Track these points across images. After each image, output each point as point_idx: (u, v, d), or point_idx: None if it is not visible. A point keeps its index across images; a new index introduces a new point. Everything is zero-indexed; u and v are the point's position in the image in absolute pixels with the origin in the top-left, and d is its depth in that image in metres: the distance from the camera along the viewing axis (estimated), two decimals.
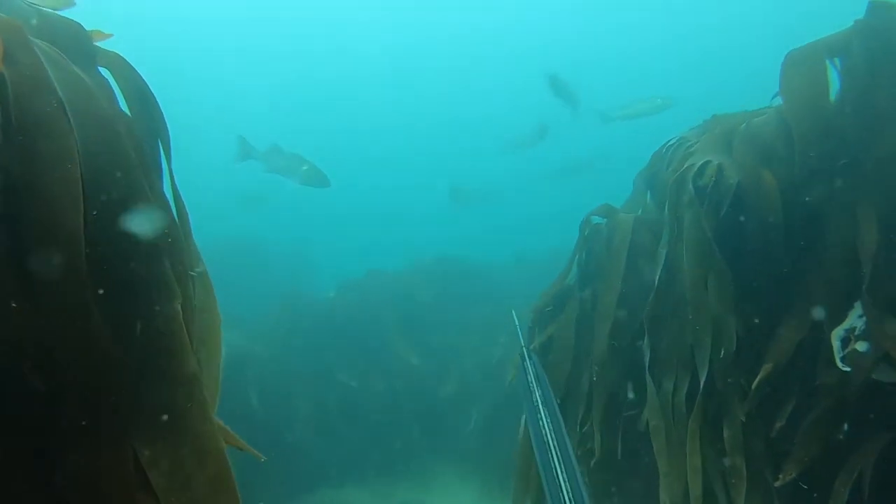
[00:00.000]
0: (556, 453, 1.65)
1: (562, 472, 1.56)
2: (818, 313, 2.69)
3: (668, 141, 3.64)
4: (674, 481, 2.97)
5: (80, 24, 1.69)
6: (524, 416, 4.45)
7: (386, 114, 27.59)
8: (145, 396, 1.26)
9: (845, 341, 2.45)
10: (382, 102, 27.27)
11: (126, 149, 1.41)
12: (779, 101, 3.01)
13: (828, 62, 2.87)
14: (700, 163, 2.99)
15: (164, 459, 1.24)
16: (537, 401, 1.98)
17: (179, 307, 1.37)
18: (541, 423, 1.82)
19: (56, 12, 1.64)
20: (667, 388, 3.15)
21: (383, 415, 8.05)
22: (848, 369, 2.40)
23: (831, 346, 2.56)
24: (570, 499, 1.49)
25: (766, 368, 2.65)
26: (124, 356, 1.25)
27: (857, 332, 2.44)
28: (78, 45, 1.65)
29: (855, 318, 2.48)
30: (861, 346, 2.40)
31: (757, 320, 2.90)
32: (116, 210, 1.32)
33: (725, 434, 2.85)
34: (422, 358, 8.43)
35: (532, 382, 2.07)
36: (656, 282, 3.17)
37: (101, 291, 1.24)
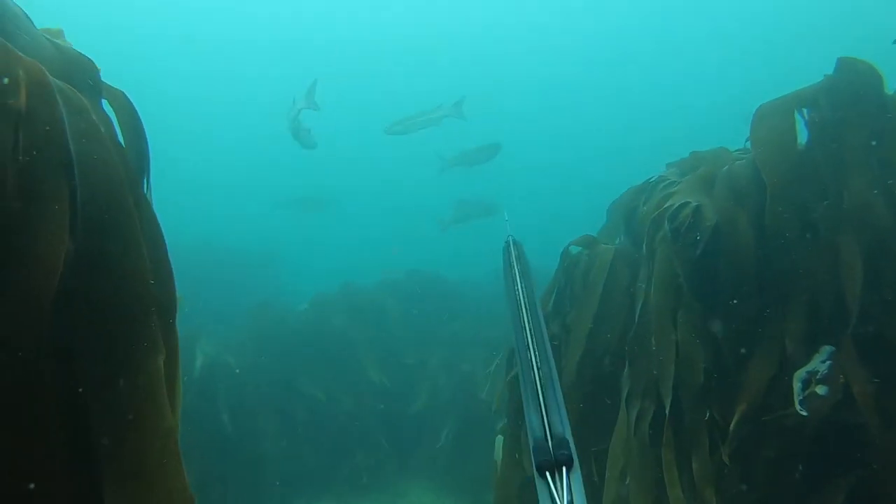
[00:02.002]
0: (529, 326, 1.61)
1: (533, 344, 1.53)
2: (786, 353, 2.83)
3: (649, 178, 3.78)
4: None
5: (91, 61, 1.75)
6: (498, 434, 4.53)
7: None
8: (123, 448, 1.29)
9: (806, 383, 2.57)
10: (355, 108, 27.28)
11: (126, 201, 1.44)
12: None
13: (796, 113, 3.06)
14: (678, 203, 3.12)
15: None
16: (517, 277, 1.95)
17: (162, 363, 1.40)
18: (518, 297, 1.79)
19: (72, 47, 1.69)
20: (632, 415, 3.26)
21: (352, 430, 8.04)
22: (805, 413, 2.51)
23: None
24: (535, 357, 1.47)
25: (740, 410, 2.77)
26: (105, 412, 1.28)
27: (818, 376, 2.57)
28: (88, 80, 1.70)
29: (818, 363, 2.61)
30: (821, 390, 2.53)
31: (728, 356, 3.03)
32: (110, 266, 1.36)
33: (694, 466, 2.96)
34: (391, 373, 8.44)
35: (514, 265, 2.04)
36: (637, 316, 3.29)
37: (85, 347, 1.27)
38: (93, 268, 1.33)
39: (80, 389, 1.26)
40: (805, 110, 3.09)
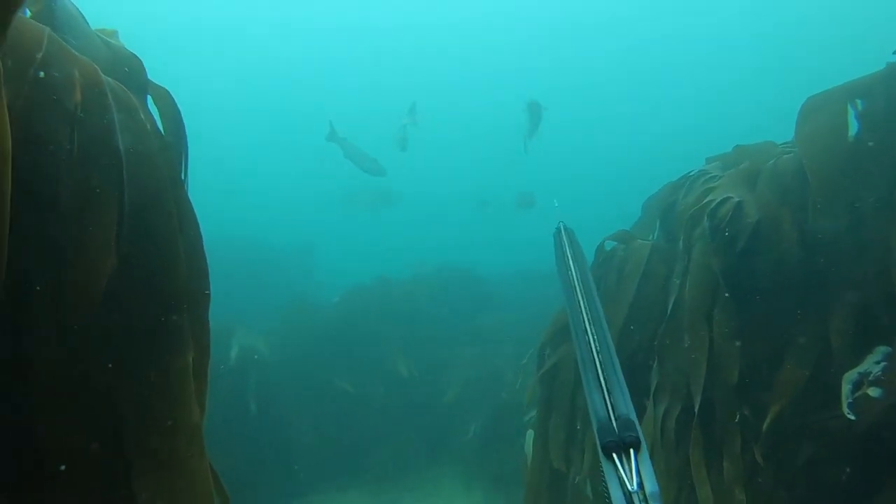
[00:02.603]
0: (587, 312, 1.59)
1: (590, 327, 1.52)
2: (824, 353, 2.76)
3: (689, 172, 3.71)
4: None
5: (139, 60, 1.79)
6: (529, 429, 4.51)
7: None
8: (150, 441, 1.33)
9: (857, 385, 2.49)
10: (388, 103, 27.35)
11: (168, 201, 1.47)
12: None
13: (848, 106, 2.96)
14: (719, 199, 3.06)
15: (160, 501, 1.31)
16: (570, 261, 1.94)
17: (190, 359, 1.43)
18: (575, 289, 1.77)
19: (123, 46, 1.72)
20: (659, 411, 3.22)
21: (382, 421, 8.09)
22: (853, 417, 2.44)
23: (837, 388, 2.61)
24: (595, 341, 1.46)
25: (773, 410, 2.71)
26: (134, 403, 1.31)
27: (871, 377, 2.49)
28: (137, 79, 1.74)
29: (871, 363, 2.53)
30: (874, 392, 2.45)
31: (765, 355, 2.97)
32: (148, 264, 1.39)
33: (725, 465, 2.91)
34: (422, 367, 8.47)
35: (567, 250, 2.03)
36: (668, 310, 3.24)
37: (125, 338, 1.30)
38: (132, 267, 1.36)
39: (113, 383, 1.29)
40: (858, 101, 2.99)
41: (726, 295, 3.04)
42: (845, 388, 2.49)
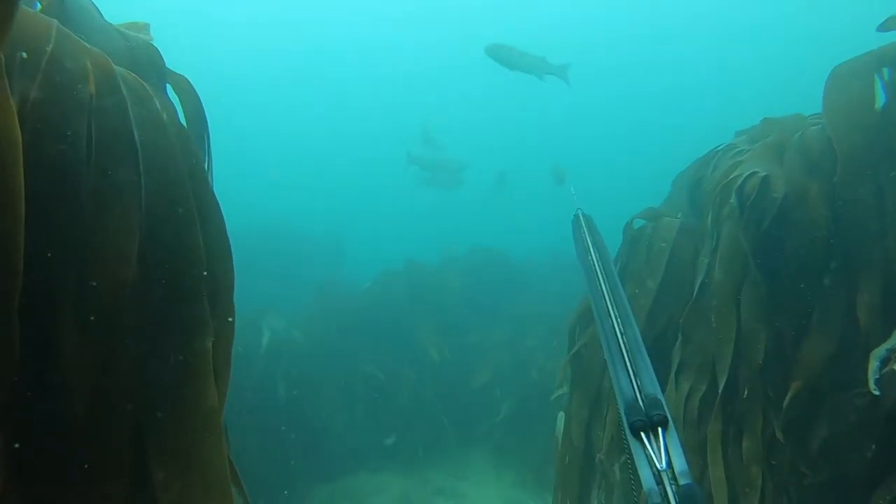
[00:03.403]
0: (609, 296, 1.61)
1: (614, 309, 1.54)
2: (855, 330, 2.70)
3: (717, 147, 3.64)
4: None
5: (157, 50, 1.81)
6: (561, 413, 4.52)
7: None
8: (166, 424, 1.37)
9: (885, 361, 2.44)
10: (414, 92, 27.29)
11: (186, 192, 1.50)
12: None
13: (876, 76, 2.86)
14: (746, 174, 3.00)
15: (175, 484, 1.34)
16: (590, 247, 1.95)
17: (210, 344, 1.46)
18: (595, 272, 1.79)
19: (139, 36, 1.75)
20: (682, 391, 3.19)
21: (414, 405, 8.18)
22: (878, 393, 2.39)
23: (862, 364, 2.56)
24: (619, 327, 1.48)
25: (795, 386, 2.67)
26: (153, 386, 1.35)
27: None
28: (153, 68, 1.77)
29: None
30: None
31: (789, 333, 2.92)
32: (168, 251, 1.43)
33: (745, 444, 2.89)
34: (453, 350, 8.52)
35: (586, 235, 2.05)
36: (696, 289, 3.20)
37: (145, 326, 1.33)
38: (152, 256, 1.39)
39: (133, 370, 1.32)
40: (885, 70, 2.89)
41: (755, 273, 2.99)
42: (873, 364, 2.43)
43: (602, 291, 1.69)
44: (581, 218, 2.22)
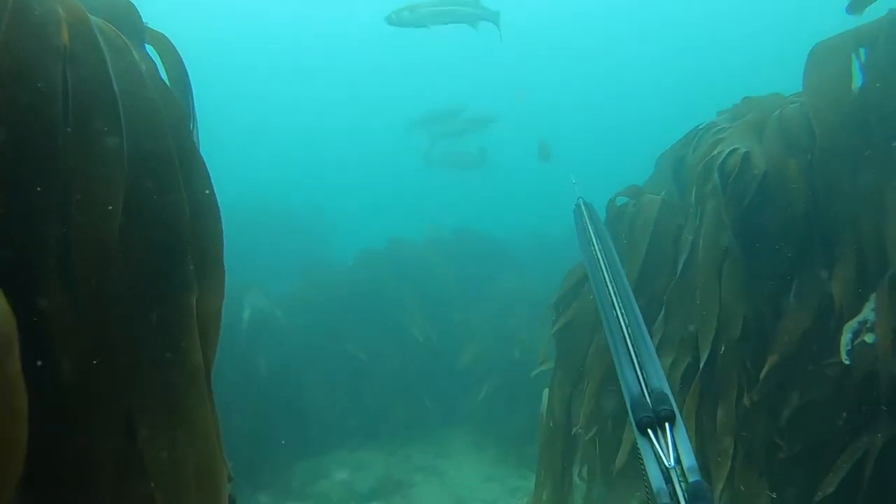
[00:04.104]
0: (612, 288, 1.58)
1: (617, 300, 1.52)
2: (830, 303, 2.76)
3: (698, 125, 3.67)
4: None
5: (134, 6, 1.76)
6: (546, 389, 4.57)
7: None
8: (151, 381, 1.35)
9: (856, 333, 2.50)
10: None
11: (168, 145, 1.47)
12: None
13: (853, 55, 2.89)
14: (727, 151, 3.02)
15: (159, 439, 1.33)
16: (593, 237, 1.94)
17: (195, 301, 1.44)
18: (599, 263, 1.77)
19: None
20: (664, 365, 3.24)
21: (397, 384, 8.20)
22: (848, 362, 2.46)
23: (836, 337, 2.63)
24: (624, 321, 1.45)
25: (772, 359, 2.73)
26: (137, 343, 1.34)
27: (868, 325, 2.49)
28: (130, 23, 1.72)
29: (869, 311, 2.53)
30: (869, 338, 2.46)
31: (766, 308, 2.98)
32: (151, 204, 1.40)
33: (719, 414, 2.96)
34: (437, 329, 8.54)
35: (588, 225, 2.04)
36: (680, 266, 3.24)
37: (128, 281, 1.32)
38: (135, 211, 1.37)
39: (118, 327, 1.31)
40: (862, 50, 2.91)
41: (736, 249, 3.04)
42: (845, 336, 2.50)
43: (605, 282, 1.67)
44: (583, 207, 2.20)
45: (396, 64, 25.70)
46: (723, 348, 2.96)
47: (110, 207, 1.30)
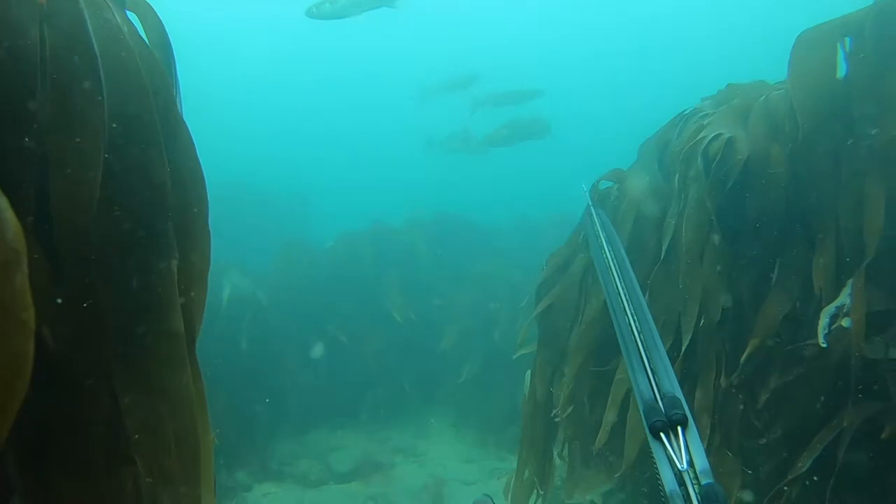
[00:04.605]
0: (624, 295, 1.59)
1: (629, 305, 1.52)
2: (808, 289, 2.81)
3: (683, 111, 3.69)
4: (634, 434, 3.18)
5: None
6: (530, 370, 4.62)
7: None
8: (131, 347, 1.33)
9: (834, 317, 2.55)
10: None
11: (150, 104, 1.43)
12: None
13: (839, 45, 2.92)
14: (711, 136, 3.05)
15: (140, 407, 1.32)
16: (605, 244, 1.95)
17: (175, 266, 1.41)
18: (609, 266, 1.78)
19: None
20: None
21: (377, 366, 8.22)
22: (825, 345, 2.51)
23: (815, 321, 2.68)
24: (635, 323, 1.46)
25: (752, 343, 2.78)
26: (117, 308, 1.32)
27: (845, 309, 2.55)
28: None
29: (846, 296, 2.58)
30: (846, 322, 2.51)
31: (746, 292, 3.03)
32: (132, 167, 1.37)
33: (698, 395, 3.02)
34: (419, 312, 8.55)
35: (599, 230, 2.05)
36: (664, 250, 3.27)
37: (107, 245, 1.30)
38: (114, 173, 1.34)
39: (96, 291, 1.29)
40: (847, 39, 2.94)
41: (718, 233, 3.08)
42: (823, 320, 2.55)
43: (617, 288, 1.67)
44: (594, 214, 2.21)
45: (382, 44, 25.44)
46: (705, 330, 3.00)
47: (90, 170, 1.27)
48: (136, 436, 1.29)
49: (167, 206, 1.39)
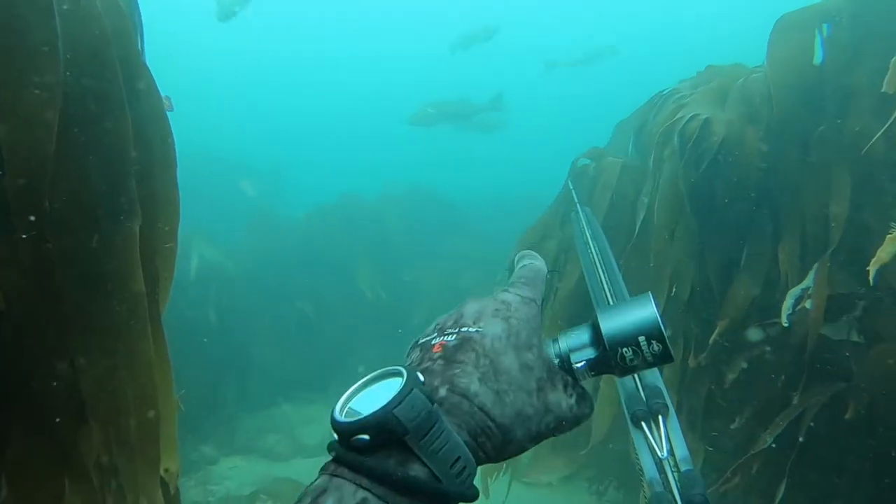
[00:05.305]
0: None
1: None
2: (776, 272, 2.85)
3: (662, 91, 3.68)
4: (604, 409, 3.21)
5: None
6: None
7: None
8: (89, 309, 1.30)
9: (799, 300, 2.60)
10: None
11: (111, 53, 1.36)
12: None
13: (817, 30, 2.93)
14: (688, 116, 3.05)
15: (96, 368, 1.29)
16: (590, 242, 1.97)
17: (138, 228, 1.37)
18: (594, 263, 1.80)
19: None
20: None
21: (347, 341, 8.17)
22: (786, 324, 2.56)
23: (781, 304, 2.72)
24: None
25: (721, 324, 2.82)
26: (74, 269, 1.27)
27: (810, 292, 2.59)
28: None
29: (811, 279, 2.62)
30: (809, 304, 2.56)
31: (715, 273, 3.07)
32: (90, 121, 1.30)
33: (665, 374, 3.06)
34: (389, 288, 8.51)
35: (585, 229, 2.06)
36: (637, 228, 3.28)
37: (65, 204, 1.24)
38: (71, 127, 1.27)
39: (57, 248, 1.23)
40: (825, 26, 2.95)
41: (689, 213, 3.09)
42: (788, 301, 2.59)
43: (602, 283, 1.69)
44: (581, 212, 2.22)
45: (357, 14, 25.03)
46: (673, 311, 3.03)
47: (45, 125, 1.21)
48: (93, 399, 1.25)
49: (129, 164, 1.33)
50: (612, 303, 1.53)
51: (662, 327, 0.69)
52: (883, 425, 2.41)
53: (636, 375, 1.28)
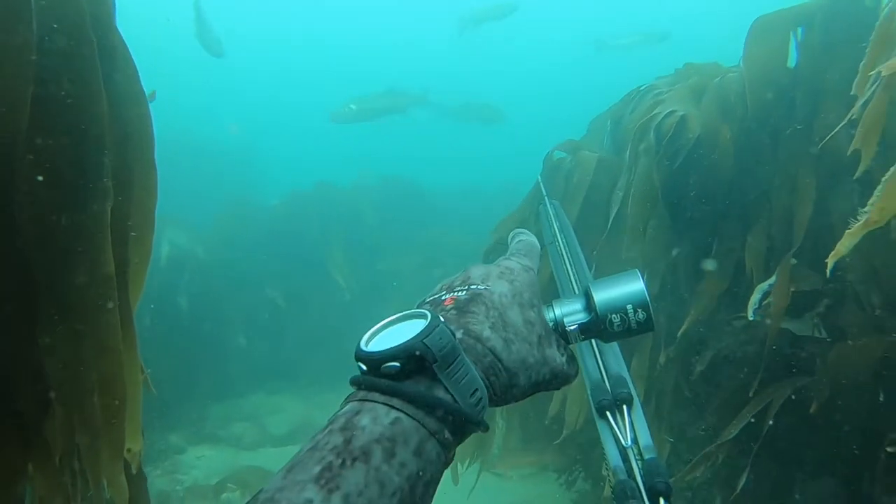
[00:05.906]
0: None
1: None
2: (744, 268, 2.92)
3: (639, 87, 3.71)
4: (574, 403, 3.25)
5: None
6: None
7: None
8: (56, 288, 1.27)
9: (766, 294, 2.65)
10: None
11: (87, 35, 1.31)
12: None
13: (791, 33, 2.98)
14: (665, 112, 3.08)
15: (62, 349, 1.27)
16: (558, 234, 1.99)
17: (108, 208, 1.35)
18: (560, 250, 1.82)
19: None
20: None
21: (318, 329, 8.12)
22: (752, 317, 2.62)
23: (747, 299, 2.78)
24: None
25: (691, 317, 2.87)
26: (44, 248, 1.24)
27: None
28: None
29: (775, 275, 2.68)
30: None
31: (685, 267, 3.13)
32: (63, 98, 1.27)
33: (633, 363, 3.13)
34: (363, 277, 8.48)
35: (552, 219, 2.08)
36: (610, 221, 3.32)
37: (35, 183, 1.21)
38: (44, 105, 1.24)
39: (27, 227, 1.20)
40: (800, 29, 3.00)
41: (662, 208, 3.14)
42: (755, 296, 2.64)
43: (568, 273, 1.71)
44: (549, 205, 2.23)
45: (340, 6, 24.78)
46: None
47: (16, 102, 1.17)
48: (58, 380, 1.23)
49: (103, 144, 1.29)
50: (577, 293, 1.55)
51: (648, 298, 0.76)
52: (842, 420, 2.47)
53: (601, 365, 1.30)
